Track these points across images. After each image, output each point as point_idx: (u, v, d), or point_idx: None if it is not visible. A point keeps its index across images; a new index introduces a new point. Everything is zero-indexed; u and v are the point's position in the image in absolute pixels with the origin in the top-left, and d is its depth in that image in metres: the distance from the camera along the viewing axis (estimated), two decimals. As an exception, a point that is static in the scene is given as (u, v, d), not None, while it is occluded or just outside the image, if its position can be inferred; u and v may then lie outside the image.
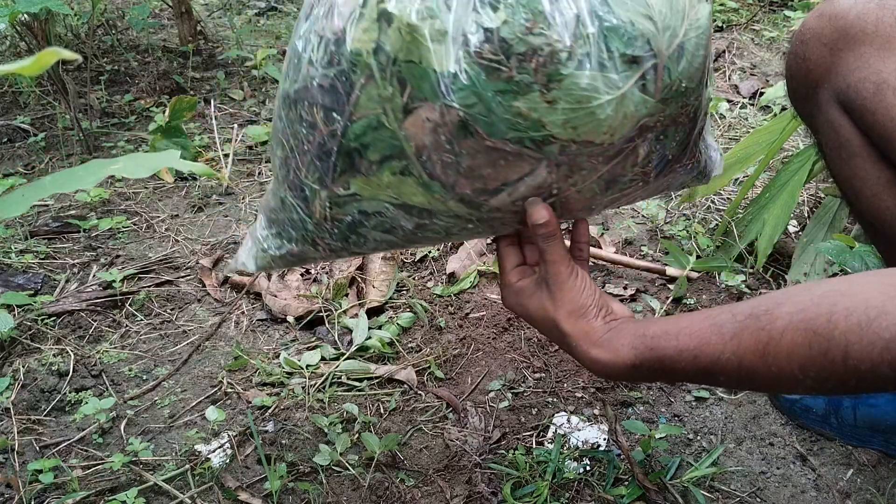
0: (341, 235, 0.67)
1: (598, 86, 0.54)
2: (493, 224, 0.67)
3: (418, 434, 1.04)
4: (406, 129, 0.57)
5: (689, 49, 0.58)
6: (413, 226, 0.65)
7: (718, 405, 1.08)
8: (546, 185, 0.61)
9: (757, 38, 2.58)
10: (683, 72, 0.58)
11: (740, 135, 1.94)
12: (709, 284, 1.33)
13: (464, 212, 0.63)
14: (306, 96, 0.61)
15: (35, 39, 1.74)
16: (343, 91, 0.58)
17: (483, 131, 0.56)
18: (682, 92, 0.59)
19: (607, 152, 0.59)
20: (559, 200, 0.64)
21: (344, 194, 0.63)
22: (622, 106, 0.56)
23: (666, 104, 0.59)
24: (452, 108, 0.55)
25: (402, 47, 0.54)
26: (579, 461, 0.97)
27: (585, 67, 0.54)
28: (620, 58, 0.54)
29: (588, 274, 0.70)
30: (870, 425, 0.98)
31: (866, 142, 0.75)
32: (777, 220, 1.31)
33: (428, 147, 0.58)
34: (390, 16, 0.54)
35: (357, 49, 0.56)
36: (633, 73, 0.55)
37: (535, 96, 0.54)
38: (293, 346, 1.19)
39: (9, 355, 1.16)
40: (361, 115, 0.58)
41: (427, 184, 0.60)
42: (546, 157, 0.58)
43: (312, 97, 0.60)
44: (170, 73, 2.14)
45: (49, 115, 1.97)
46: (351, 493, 0.94)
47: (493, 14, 0.53)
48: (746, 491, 0.95)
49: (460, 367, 1.15)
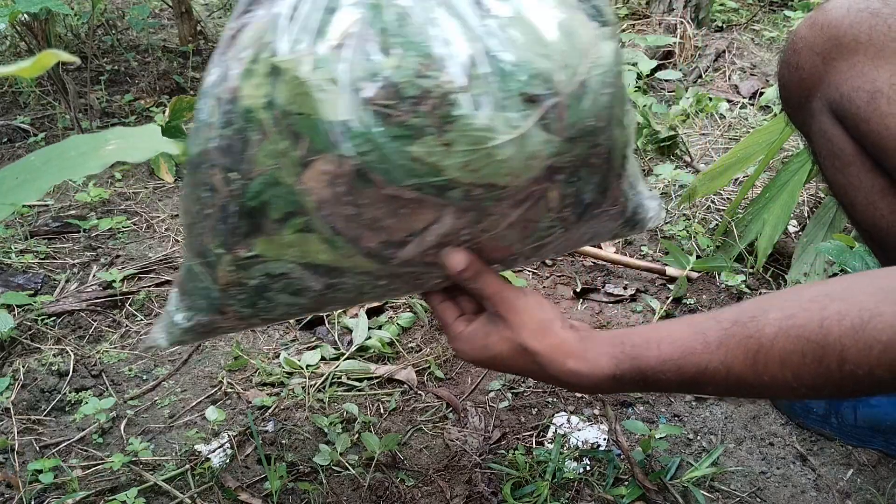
0: (248, 301, 0.65)
1: (496, 126, 0.53)
2: (409, 280, 0.64)
3: (418, 434, 1.04)
4: (304, 183, 0.56)
5: (592, 87, 0.57)
6: (322, 286, 0.63)
7: (718, 405, 1.08)
8: (455, 233, 0.59)
9: (757, 38, 2.58)
10: (588, 110, 0.57)
11: (740, 135, 1.94)
12: (709, 284, 1.33)
13: (373, 268, 0.61)
14: (206, 159, 0.59)
15: (35, 39, 1.74)
16: (239, 149, 0.57)
17: (381, 179, 0.54)
18: (591, 131, 0.58)
19: (515, 196, 0.58)
20: (473, 249, 0.62)
21: (247, 256, 0.61)
22: (524, 146, 0.54)
23: (573, 143, 0.57)
24: (348, 158, 0.53)
25: (294, 100, 0.53)
26: (579, 461, 0.97)
27: (481, 108, 0.53)
28: (518, 97, 0.53)
29: (536, 293, 0.67)
30: (870, 425, 0.98)
31: (860, 150, 0.75)
32: (777, 220, 1.31)
33: (328, 201, 0.56)
34: (279, 69, 0.53)
35: (249, 105, 0.55)
36: (533, 113, 0.54)
37: (430, 140, 0.53)
38: (293, 346, 1.19)
39: (9, 355, 1.16)
40: (259, 173, 0.56)
41: (331, 240, 0.58)
42: (450, 203, 0.56)
43: (212, 159, 0.59)
44: (170, 73, 2.14)
45: (49, 115, 1.97)
46: (351, 493, 0.94)
47: (385, 59, 0.52)
48: (746, 491, 0.95)
49: (460, 367, 1.15)
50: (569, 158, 0.58)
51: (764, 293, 1.30)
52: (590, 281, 1.36)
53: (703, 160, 1.80)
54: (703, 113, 2.02)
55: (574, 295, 1.32)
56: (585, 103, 0.57)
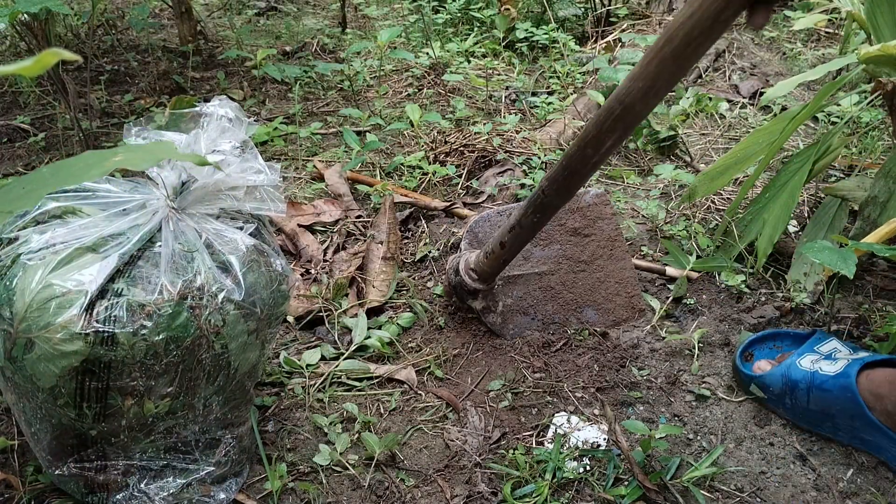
0: None
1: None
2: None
3: (418, 434, 1.04)
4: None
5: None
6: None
7: (718, 405, 1.08)
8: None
9: (757, 38, 2.58)
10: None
11: (740, 135, 1.94)
12: (709, 284, 1.33)
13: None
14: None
15: (35, 39, 1.74)
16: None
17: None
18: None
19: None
20: None
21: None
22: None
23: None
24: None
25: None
26: (579, 461, 0.97)
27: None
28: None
29: None
30: (821, 409, 1.00)
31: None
32: (777, 220, 1.31)
33: None
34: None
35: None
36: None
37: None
38: (293, 346, 1.19)
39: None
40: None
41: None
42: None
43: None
44: (170, 73, 2.14)
45: (49, 115, 1.97)
46: (351, 493, 0.94)
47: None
48: (746, 491, 0.95)
49: (460, 367, 1.15)
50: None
51: (764, 293, 1.30)
52: (590, 281, 1.36)
53: (703, 160, 1.80)
54: (702, 113, 2.02)
55: (574, 295, 1.32)
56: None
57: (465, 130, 1.77)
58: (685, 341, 1.19)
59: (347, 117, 1.96)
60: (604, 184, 1.72)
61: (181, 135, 0.88)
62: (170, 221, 0.84)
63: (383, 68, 2.24)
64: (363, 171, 1.68)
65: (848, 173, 1.70)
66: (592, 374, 1.13)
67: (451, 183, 1.62)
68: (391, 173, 1.69)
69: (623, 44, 2.30)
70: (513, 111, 2.00)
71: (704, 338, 1.20)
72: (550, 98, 2.02)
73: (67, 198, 0.85)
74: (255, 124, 0.95)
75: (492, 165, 1.64)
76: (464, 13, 2.66)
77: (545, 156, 1.64)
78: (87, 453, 0.84)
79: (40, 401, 0.80)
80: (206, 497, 0.88)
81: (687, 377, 1.13)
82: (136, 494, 0.85)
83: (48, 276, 0.77)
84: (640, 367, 1.15)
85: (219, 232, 0.86)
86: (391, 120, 1.89)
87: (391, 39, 1.98)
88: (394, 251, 1.38)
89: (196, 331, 0.80)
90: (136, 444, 0.84)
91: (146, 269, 0.80)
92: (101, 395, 0.79)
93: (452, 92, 2.12)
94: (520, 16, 2.55)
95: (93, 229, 0.82)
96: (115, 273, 0.79)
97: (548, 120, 1.91)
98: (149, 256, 0.81)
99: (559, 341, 1.19)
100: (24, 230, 0.82)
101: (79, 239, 0.80)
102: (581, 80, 2.14)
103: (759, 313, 1.25)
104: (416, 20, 2.66)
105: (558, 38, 2.31)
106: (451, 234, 1.43)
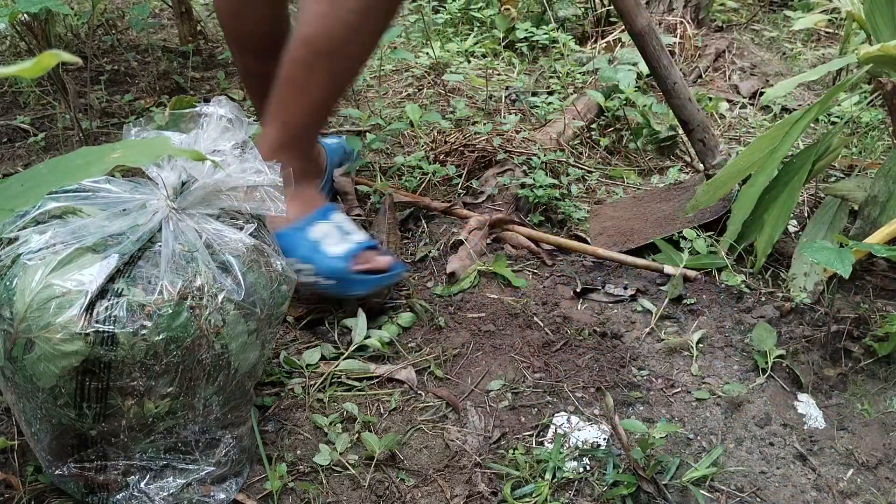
0: None
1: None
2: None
3: (418, 434, 1.04)
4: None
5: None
6: None
7: (718, 405, 1.08)
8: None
9: (757, 38, 2.58)
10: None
11: (740, 135, 1.94)
12: (709, 284, 1.33)
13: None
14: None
15: (35, 39, 1.74)
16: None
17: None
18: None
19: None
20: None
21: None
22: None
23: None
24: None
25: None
26: (579, 461, 0.97)
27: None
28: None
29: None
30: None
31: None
32: (777, 220, 1.32)
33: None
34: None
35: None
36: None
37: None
38: (293, 346, 1.19)
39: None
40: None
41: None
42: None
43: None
44: (170, 73, 2.14)
45: (49, 115, 1.97)
46: (351, 492, 0.94)
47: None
48: (746, 491, 0.95)
49: (460, 367, 1.15)
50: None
51: (764, 293, 1.30)
52: (590, 281, 1.36)
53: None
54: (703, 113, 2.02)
55: (574, 295, 1.32)
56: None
57: (465, 130, 1.77)
58: (685, 341, 1.19)
59: (347, 117, 1.96)
60: (604, 184, 1.72)
61: (181, 135, 0.88)
62: (170, 221, 0.84)
63: (383, 68, 2.24)
64: (363, 171, 1.68)
65: (848, 173, 1.70)
66: (592, 374, 1.13)
67: (451, 183, 1.62)
68: (390, 173, 1.69)
69: (623, 44, 2.30)
70: (513, 111, 2.00)
71: (704, 338, 1.20)
72: (550, 98, 2.02)
73: (67, 198, 0.86)
74: (255, 124, 0.95)
75: (492, 165, 1.64)
76: (464, 13, 2.66)
77: (545, 156, 1.64)
78: (87, 453, 0.84)
79: (40, 401, 0.80)
80: (206, 497, 0.88)
81: (687, 377, 1.13)
82: (136, 494, 0.85)
83: (48, 276, 0.77)
84: (640, 367, 1.15)
85: (219, 232, 0.86)
86: (391, 120, 1.89)
87: (391, 39, 1.98)
88: (394, 251, 1.38)
89: (196, 331, 0.80)
90: (136, 444, 0.84)
91: (146, 269, 0.80)
92: (101, 395, 0.79)
93: (452, 92, 2.12)
94: (520, 16, 2.56)
95: (93, 229, 0.82)
96: (116, 273, 0.79)
97: (548, 120, 1.91)
98: (149, 256, 0.81)
99: (559, 341, 1.19)
100: (24, 230, 0.82)
101: (79, 239, 0.80)
102: (581, 80, 2.14)
103: (759, 313, 1.25)
104: (416, 20, 2.66)
105: (558, 38, 2.31)
106: (452, 234, 1.43)
